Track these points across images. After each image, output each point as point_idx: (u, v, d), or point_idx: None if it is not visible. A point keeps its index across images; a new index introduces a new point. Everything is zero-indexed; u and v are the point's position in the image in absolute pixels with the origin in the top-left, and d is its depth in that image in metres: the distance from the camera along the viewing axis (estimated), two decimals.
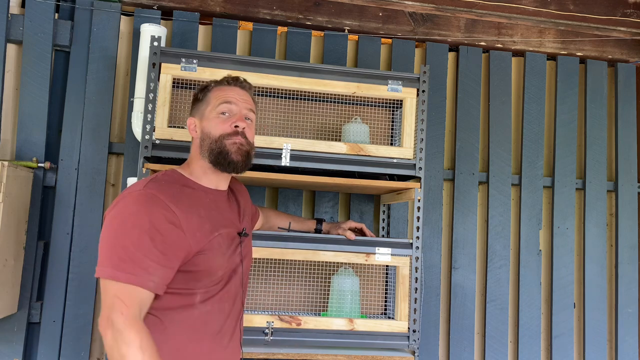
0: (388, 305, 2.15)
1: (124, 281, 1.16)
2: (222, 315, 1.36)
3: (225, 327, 1.36)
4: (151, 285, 1.19)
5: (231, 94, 1.44)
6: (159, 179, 1.34)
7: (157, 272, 1.20)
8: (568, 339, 2.47)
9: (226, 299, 1.37)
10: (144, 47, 2.11)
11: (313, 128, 2.18)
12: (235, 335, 1.41)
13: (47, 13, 2.20)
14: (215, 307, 1.34)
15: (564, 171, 2.56)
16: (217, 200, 1.42)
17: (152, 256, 1.19)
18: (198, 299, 1.31)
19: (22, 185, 2.02)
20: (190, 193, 1.36)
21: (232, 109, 1.42)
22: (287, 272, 2.06)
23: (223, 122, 1.41)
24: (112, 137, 2.30)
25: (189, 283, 1.29)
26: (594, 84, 2.64)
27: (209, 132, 1.40)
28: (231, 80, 1.48)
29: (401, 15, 2.50)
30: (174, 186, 1.34)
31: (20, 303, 2.08)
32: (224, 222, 1.40)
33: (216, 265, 1.33)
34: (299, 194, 2.36)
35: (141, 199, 1.25)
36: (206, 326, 1.32)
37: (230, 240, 1.40)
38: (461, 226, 2.46)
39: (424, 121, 1.98)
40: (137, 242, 1.19)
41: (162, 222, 1.23)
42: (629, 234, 2.58)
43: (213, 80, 1.50)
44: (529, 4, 2.51)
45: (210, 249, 1.31)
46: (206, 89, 1.48)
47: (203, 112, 1.44)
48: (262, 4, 2.39)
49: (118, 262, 1.17)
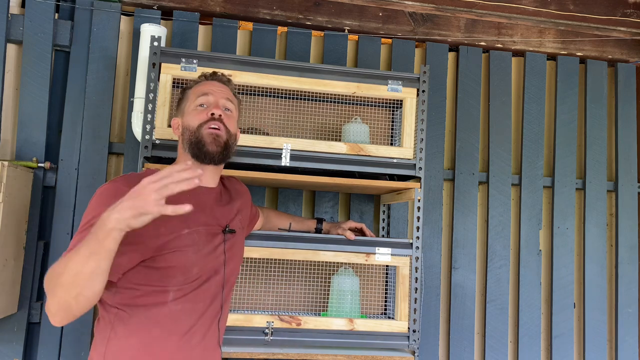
0: (388, 305, 2.15)
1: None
2: (194, 315, 1.34)
3: (196, 326, 1.34)
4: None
5: (208, 86, 1.48)
6: (132, 174, 1.36)
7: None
8: (568, 339, 2.47)
9: (201, 299, 1.36)
10: (144, 47, 2.11)
11: (313, 128, 2.18)
12: (210, 336, 1.39)
13: (47, 13, 2.20)
14: (187, 306, 1.33)
15: (564, 171, 2.56)
16: (199, 197, 1.40)
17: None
18: (170, 296, 1.30)
19: (22, 185, 2.02)
20: None
21: (209, 100, 1.45)
22: (287, 272, 2.06)
23: (200, 113, 1.44)
24: (112, 137, 2.30)
25: (162, 280, 1.29)
26: (594, 84, 2.64)
27: (188, 125, 1.43)
28: (209, 76, 1.53)
29: (401, 15, 2.50)
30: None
31: (20, 303, 2.08)
32: (205, 219, 1.39)
33: (189, 262, 1.32)
34: (299, 194, 2.36)
35: (104, 192, 1.30)
36: (174, 325, 1.30)
37: (209, 237, 1.38)
38: (461, 226, 2.46)
39: (424, 121, 1.98)
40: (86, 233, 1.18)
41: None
42: (629, 234, 2.58)
43: (193, 79, 1.54)
44: (529, 4, 2.51)
45: (178, 245, 1.30)
46: (186, 87, 1.52)
47: (184, 110, 1.48)
48: (262, 4, 2.39)
49: (75, 245, 1.19)
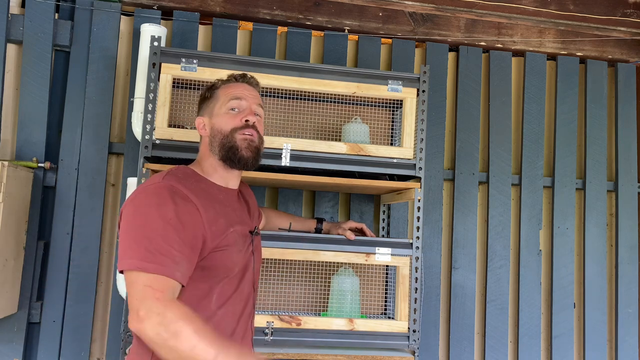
0: (388, 305, 2.15)
1: (152, 271, 1.13)
2: (234, 318, 1.35)
3: (238, 328, 1.35)
4: (178, 276, 1.17)
5: (240, 89, 1.45)
6: (174, 172, 1.34)
7: (183, 263, 1.18)
8: (568, 339, 2.47)
9: (239, 301, 1.36)
10: (144, 47, 2.11)
11: (313, 128, 2.18)
12: (247, 336, 1.41)
13: (47, 13, 2.20)
14: (229, 309, 1.33)
15: (564, 171, 2.56)
16: (229, 198, 1.42)
17: (177, 247, 1.18)
18: (214, 299, 1.30)
19: (22, 185, 2.02)
20: (205, 188, 1.36)
21: (242, 105, 1.42)
22: (287, 272, 2.06)
23: (233, 117, 1.41)
24: (112, 137, 2.30)
25: (207, 279, 1.28)
26: (594, 84, 2.64)
27: (220, 128, 1.40)
28: (239, 77, 1.49)
29: (401, 15, 2.50)
30: (190, 180, 1.34)
31: (20, 303, 2.08)
32: (237, 219, 1.40)
33: (233, 261, 1.33)
34: (299, 194, 2.36)
35: (161, 191, 1.24)
36: (220, 329, 1.30)
37: (243, 238, 1.39)
38: (461, 226, 2.46)
39: (424, 121, 1.98)
40: (162, 233, 1.17)
41: (184, 213, 1.22)
42: (629, 234, 2.58)
43: (219, 78, 1.50)
44: (529, 4, 2.51)
45: (226, 244, 1.30)
46: (214, 86, 1.48)
47: (212, 110, 1.44)
48: (262, 4, 2.39)
49: (145, 253, 1.15)
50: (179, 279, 1.17)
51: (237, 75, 1.49)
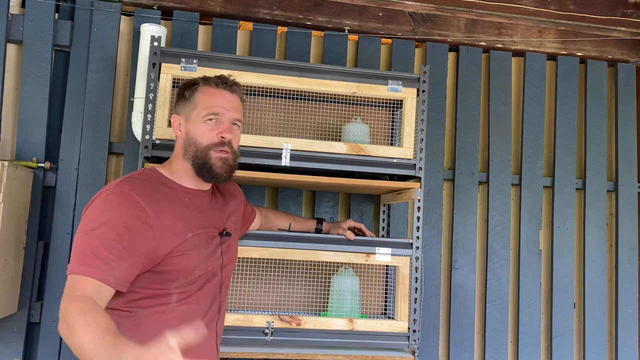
0: (388, 305, 2.15)
1: (84, 274, 1.16)
2: (197, 315, 1.35)
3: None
4: (111, 280, 1.18)
5: (220, 101, 1.40)
6: (134, 177, 1.34)
7: (120, 268, 1.19)
8: (568, 339, 2.47)
9: (203, 300, 1.37)
10: (144, 47, 2.11)
11: (313, 128, 2.18)
12: (209, 338, 1.39)
13: (47, 13, 2.20)
14: (190, 308, 1.33)
15: (564, 171, 2.56)
16: (197, 200, 1.41)
17: (115, 252, 1.19)
18: (174, 299, 1.31)
19: (22, 185, 2.02)
20: (166, 192, 1.35)
21: (220, 119, 1.40)
22: (287, 272, 2.06)
23: (210, 130, 1.38)
24: (112, 137, 2.30)
25: (164, 283, 1.29)
26: (594, 84, 2.64)
27: (195, 139, 1.38)
28: (220, 84, 1.42)
29: (401, 15, 2.50)
30: (149, 184, 1.33)
31: (20, 303, 2.08)
32: (203, 222, 1.39)
33: (192, 265, 1.32)
34: (299, 194, 2.36)
35: (111, 197, 1.26)
36: (180, 326, 1.29)
37: (208, 240, 1.38)
38: (461, 226, 2.46)
39: (424, 121, 1.98)
40: (102, 238, 1.19)
41: (131, 219, 1.23)
42: (629, 234, 2.58)
43: (200, 77, 1.45)
44: (529, 4, 2.51)
45: (184, 249, 1.30)
46: (193, 87, 1.43)
47: (189, 114, 1.41)
48: (262, 4, 2.39)
49: (82, 257, 1.18)
50: (112, 284, 1.18)
51: (218, 81, 1.43)
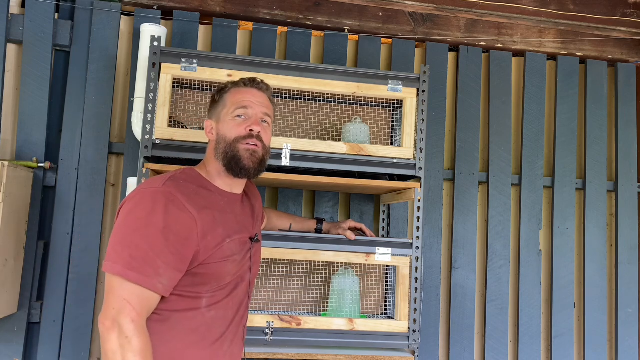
0: (388, 305, 2.15)
1: (134, 281, 1.15)
2: (225, 322, 1.34)
3: (227, 333, 1.35)
4: (160, 288, 1.18)
5: (248, 96, 1.42)
6: (177, 177, 1.33)
7: (167, 274, 1.19)
8: (568, 339, 2.47)
9: (231, 306, 1.36)
10: (144, 47, 2.11)
11: (313, 128, 2.18)
12: (237, 340, 1.40)
13: (47, 13, 2.20)
14: (219, 314, 1.33)
15: (564, 171, 2.56)
16: (231, 204, 1.41)
17: (164, 257, 1.18)
18: (204, 303, 1.30)
19: (22, 185, 2.02)
20: (206, 195, 1.35)
21: (248, 113, 1.40)
22: (287, 272, 2.06)
23: (238, 125, 1.39)
24: (112, 137, 2.30)
25: (195, 286, 1.28)
26: (594, 84, 2.64)
27: (224, 135, 1.39)
28: (248, 82, 1.46)
29: (401, 15, 2.50)
30: (191, 186, 1.32)
31: (20, 303, 2.08)
32: (238, 227, 1.39)
33: (225, 271, 1.32)
34: (299, 194, 2.36)
35: (158, 197, 1.23)
36: (209, 332, 1.30)
37: (242, 246, 1.38)
38: (461, 226, 2.46)
39: (424, 121, 1.98)
40: (150, 241, 1.18)
41: (178, 222, 1.22)
42: (629, 234, 2.58)
43: (230, 81, 1.49)
44: (529, 4, 2.51)
45: (221, 254, 1.30)
46: (223, 90, 1.46)
47: (219, 115, 1.43)
48: (262, 4, 2.39)
49: (129, 259, 1.16)
50: (159, 291, 1.18)
51: (246, 80, 1.46)
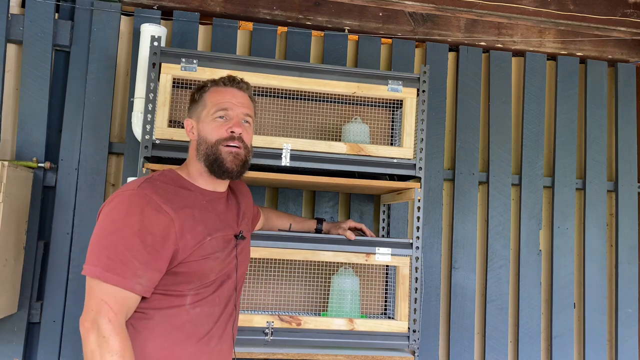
0: (388, 305, 2.15)
1: (112, 283, 1.16)
2: (211, 319, 1.34)
3: (213, 330, 1.34)
4: (138, 289, 1.19)
5: (228, 97, 1.41)
6: (154, 179, 1.33)
7: (145, 275, 1.20)
8: (568, 339, 2.47)
9: (217, 303, 1.36)
10: (144, 47, 2.11)
11: (313, 128, 2.18)
12: (225, 338, 1.39)
13: (47, 13, 2.20)
14: (204, 311, 1.33)
15: (564, 171, 2.56)
16: (214, 202, 1.41)
17: (141, 258, 1.19)
18: (188, 300, 1.30)
19: (22, 185, 2.02)
20: (186, 194, 1.35)
21: (229, 114, 1.40)
22: (287, 272, 2.06)
23: (219, 127, 1.38)
24: (112, 137, 2.30)
25: (179, 285, 1.29)
26: (594, 84, 2.64)
27: (205, 137, 1.38)
28: (227, 82, 1.44)
29: (401, 15, 2.50)
30: (169, 187, 1.33)
31: (20, 303, 2.08)
32: (220, 225, 1.39)
33: (208, 268, 1.32)
34: (299, 194, 2.36)
35: (134, 199, 1.24)
36: (194, 329, 1.30)
37: (225, 243, 1.38)
38: (461, 226, 2.46)
39: (424, 121, 1.98)
40: (127, 242, 1.19)
41: (154, 223, 1.22)
42: (629, 234, 2.58)
43: (210, 79, 1.47)
44: (529, 4, 2.51)
45: (202, 252, 1.30)
46: (202, 89, 1.45)
47: (199, 115, 1.42)
48: (262, 4, 2.39)
49: (107, 261, 1.17)
50: (138, 292, 1.19)
51: (225, 79, 1.45)
